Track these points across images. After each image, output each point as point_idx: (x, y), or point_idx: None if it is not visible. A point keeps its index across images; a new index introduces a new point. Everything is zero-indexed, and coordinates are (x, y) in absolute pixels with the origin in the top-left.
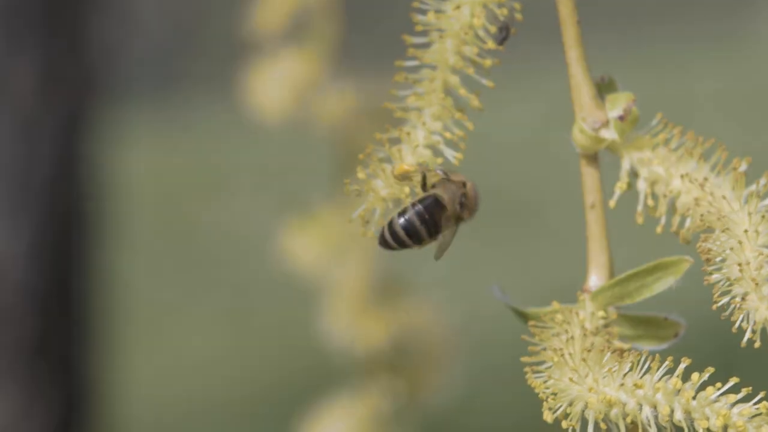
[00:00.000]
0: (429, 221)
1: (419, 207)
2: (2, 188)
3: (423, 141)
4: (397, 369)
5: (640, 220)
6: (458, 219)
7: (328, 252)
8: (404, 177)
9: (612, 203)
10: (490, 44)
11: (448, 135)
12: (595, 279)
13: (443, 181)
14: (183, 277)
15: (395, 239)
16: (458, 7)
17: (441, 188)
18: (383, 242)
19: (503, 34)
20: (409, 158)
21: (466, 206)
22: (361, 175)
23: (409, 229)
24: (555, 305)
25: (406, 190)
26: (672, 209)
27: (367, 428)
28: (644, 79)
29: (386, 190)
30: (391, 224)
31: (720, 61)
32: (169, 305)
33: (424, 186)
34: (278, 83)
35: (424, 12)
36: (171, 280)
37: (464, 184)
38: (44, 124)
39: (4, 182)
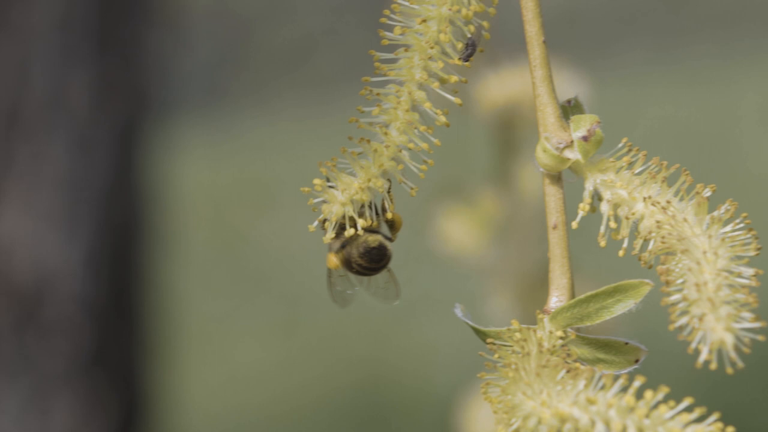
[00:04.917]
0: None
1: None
2: (58, 200)
3: (387, 153)
4: None
5: (602, 243)
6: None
7: (486, 236)
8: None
9: (575, 224)
10: (456, 60)
11: (412, 146)
12: (556, 300)
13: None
14: (234, 289)
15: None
16: (425, 21)
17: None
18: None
19: (469, 51)
20: (372, 169)
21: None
22: (316, 181)
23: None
24: (514, 324)
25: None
26: (634, 232)
27: None
28: (688, 94)
29: (343, 197)
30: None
31: (763, 75)
32: (220, 316)
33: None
34: None
35: (390, 28)
36: (222, 291)
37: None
38: (99, 137)
39: (60, 194)
